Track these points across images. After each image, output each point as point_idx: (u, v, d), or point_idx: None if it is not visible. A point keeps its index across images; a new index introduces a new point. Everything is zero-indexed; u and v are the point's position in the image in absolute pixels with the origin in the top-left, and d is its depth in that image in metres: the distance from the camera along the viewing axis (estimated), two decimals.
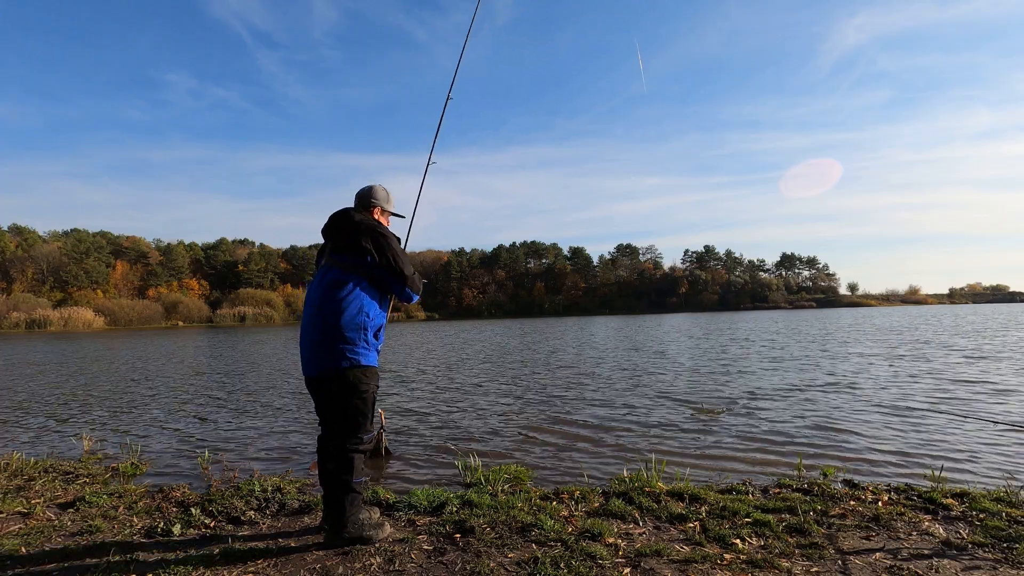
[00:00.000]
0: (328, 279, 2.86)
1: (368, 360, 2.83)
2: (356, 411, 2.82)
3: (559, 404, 7.98)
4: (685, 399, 8.12)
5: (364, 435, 2.87)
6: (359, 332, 2.80)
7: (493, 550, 2.80)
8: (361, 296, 2.83)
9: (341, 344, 2.76)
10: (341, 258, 2.88)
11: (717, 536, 2.96)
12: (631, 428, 6.29)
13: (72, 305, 66.78)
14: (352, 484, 2.80)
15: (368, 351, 2.84)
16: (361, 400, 2.81)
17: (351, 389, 2.78)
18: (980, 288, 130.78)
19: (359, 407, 2.82)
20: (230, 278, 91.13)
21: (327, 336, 2.78)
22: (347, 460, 2.81)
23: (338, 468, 2.81)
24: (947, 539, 2.89)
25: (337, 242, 2.92)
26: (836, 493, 3.70)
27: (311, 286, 2.97)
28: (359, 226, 2.88)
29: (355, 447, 2.83)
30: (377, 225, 2.94)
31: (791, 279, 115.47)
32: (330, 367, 2.78)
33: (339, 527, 2.81)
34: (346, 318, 2.78)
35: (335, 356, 2.77)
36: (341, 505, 2.81)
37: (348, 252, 2.87)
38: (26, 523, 3.33)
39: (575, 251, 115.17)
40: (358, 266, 2.85)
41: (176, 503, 3.63)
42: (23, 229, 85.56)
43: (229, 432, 6.59)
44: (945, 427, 5.96)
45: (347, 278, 2.83)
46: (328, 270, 2.90)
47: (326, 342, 2.78)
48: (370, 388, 2.84)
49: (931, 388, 8.57)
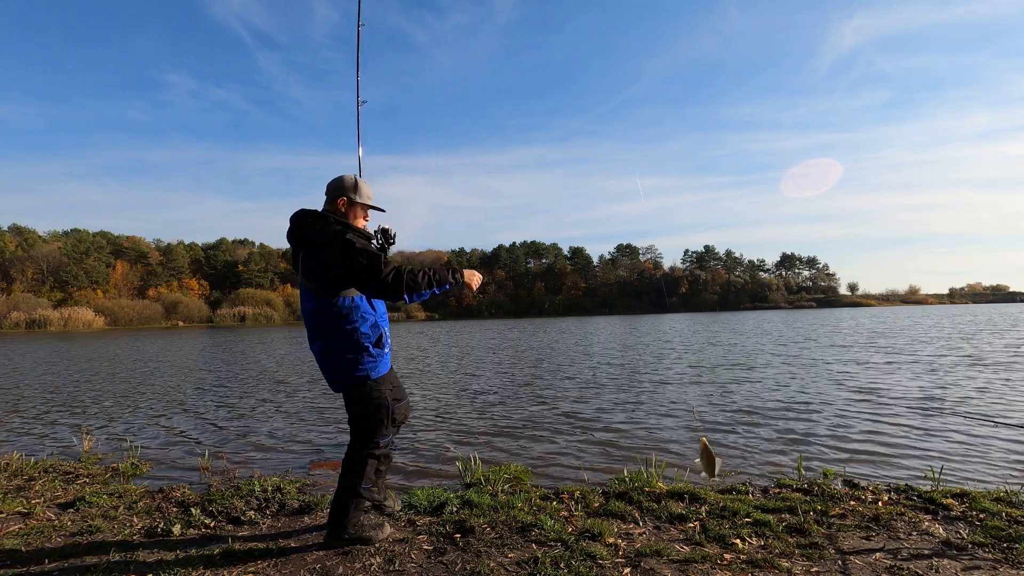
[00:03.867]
0: (309, 308, 2.78)
1: (377, 372, 2.80)
2: (371, 420, 2.82)
3: (559, 404, 7.98)
4: (685, 399, 8.12)
5: (380, 440, 2.85)
6: (359, 351, 2.75)
7: (493, 550, 2.80)
8: (350, 313, 2.72)
9: (345, 366, 2.75)
10: (312, 278, 2.73)
11: (717, 536, 2.96)
12: (631, 428, 6.29)
13: (72, 305, 66.84)
14: (359, 488, 2.80)
15: (375, 363, 2.80)
16: (375, 409, 2.81)
17: (363, 402, 2.80)
18: (980, 288, 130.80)
19: (374, 415, 2.81)
20: (230, 278, 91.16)
21: (332, 361, 2.78)
22: (358, 463, 2.81)
23: (347, 471, 2.82)
24: (947, 539, 2.89)
25: (305, 259, 2.75)
26: (836, 493, 3.70)
27: (301, 303, 2.89)
28: (321, 239, 2.68)
29: (369, 451, 2.83)
30: (341, 232, 2.68)
31: (791, 279, 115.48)
32: (341, 386, 2.81)
33: (339, 528, 2.81)
34: (342, 341, 2.73)
35: (344, 376, 2.77)
36: (344, 507, 2.80)
37: (318, 272, 2.70)
38: (26, 523, 3.33)
39: (575, 251, 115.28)
40: (333, 285, 2.69)
41: (176, 503, 3.63)
42: (23, 229, 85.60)
43: (229, 432, 6.59)
44: (945, 427, 5.95)
45: (327, 302, 2.72)
46: (306, 295, 2.80)
47: (332, 366, 2.78)
48: (382, 396, 2.82)
49: (931, 388, 8.57)
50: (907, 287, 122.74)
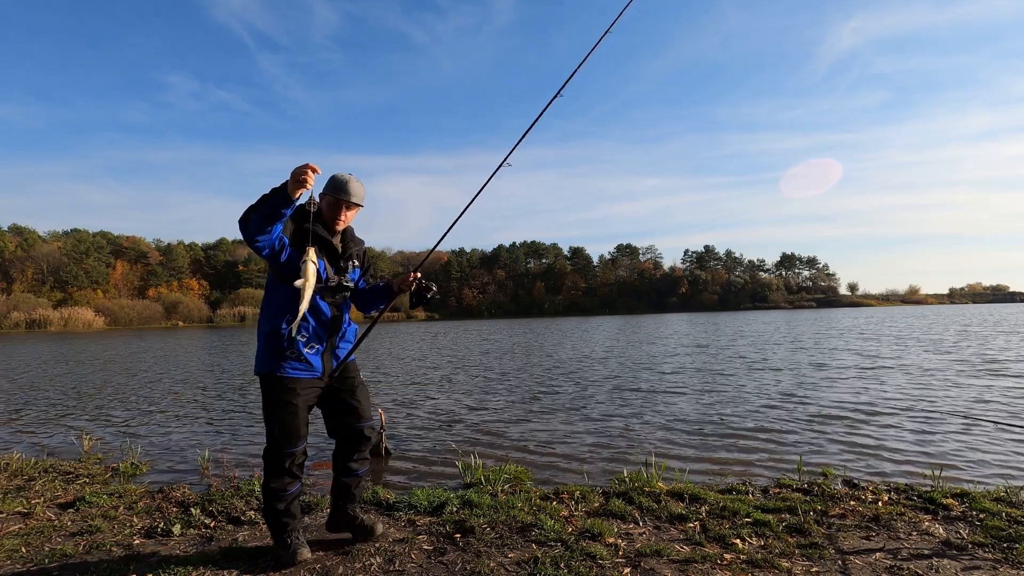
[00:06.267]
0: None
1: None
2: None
3: (559, 404, 7.98)
4: (686, 399, 8.12)
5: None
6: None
7: (493, 550, 2.80)
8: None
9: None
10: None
11: (717, 536, 2.96)
12: (631, 428, 6.29)
13: (72, 305, 66.76)
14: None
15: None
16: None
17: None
18: (980, 288, 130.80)
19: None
20: (230, 278, 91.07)
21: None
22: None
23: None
24: (947, 539, 2.89)
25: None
26: (836, 493, 3.70)
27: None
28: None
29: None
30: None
31: (791, 279, 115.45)
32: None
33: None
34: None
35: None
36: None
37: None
38: (26, 523, 3.33)
39: (575, 251, 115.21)
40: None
41: (176, 503, 3.63)
42: (23, 229, 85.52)
43: (229, 432, 6.59)
44: (945, 427, 5.95)
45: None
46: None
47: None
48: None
49: (930, 388, 8.57)
50: (907, 287, 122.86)
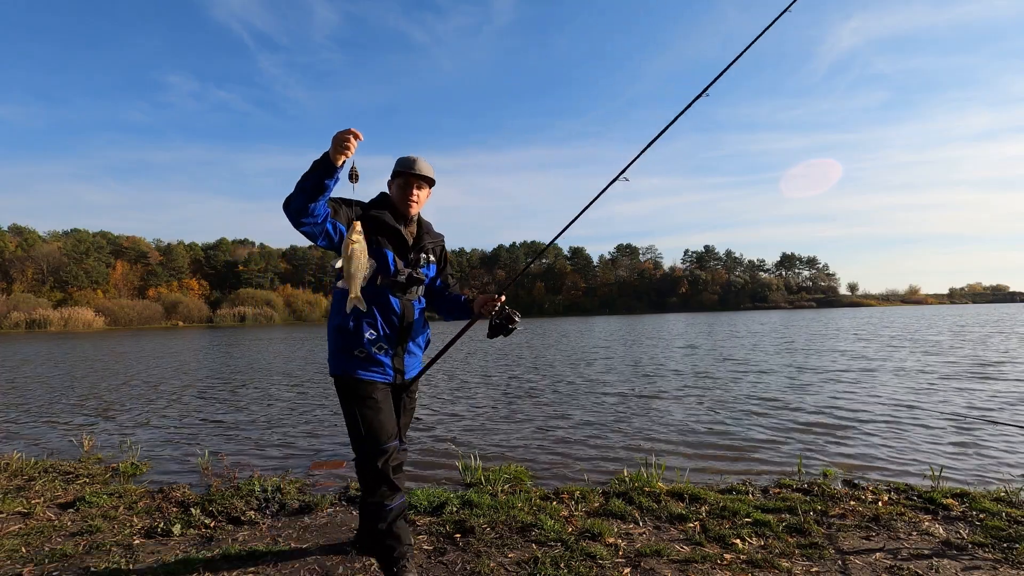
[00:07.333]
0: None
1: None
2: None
3: (559, 404, 7.98)
4: (686, 400, 8.12)
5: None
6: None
7: (493, 550, 2.80)
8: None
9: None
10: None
11: (717, 536, 2.96)
12: (631, 428, 6.29)
13: (72, 305, 66.68)
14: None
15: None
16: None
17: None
18: (980, 288, 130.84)
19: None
20: (230, 278, 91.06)
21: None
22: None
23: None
24: (947, 539, 2.89)
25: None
26: (836, 493, 3.70)
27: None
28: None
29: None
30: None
31: (791, 279, 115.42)
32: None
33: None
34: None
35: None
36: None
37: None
38: (26, 523, 3.33)
39: (575, 251, 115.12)
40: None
41: (176, 503, 3.63)
42: (23, 229, 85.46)
43: (229, 432, 6.59)
44: (945, 427, 5.95)
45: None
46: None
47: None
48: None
49: (930, 389, 8.57)
50: (907, 287, 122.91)
